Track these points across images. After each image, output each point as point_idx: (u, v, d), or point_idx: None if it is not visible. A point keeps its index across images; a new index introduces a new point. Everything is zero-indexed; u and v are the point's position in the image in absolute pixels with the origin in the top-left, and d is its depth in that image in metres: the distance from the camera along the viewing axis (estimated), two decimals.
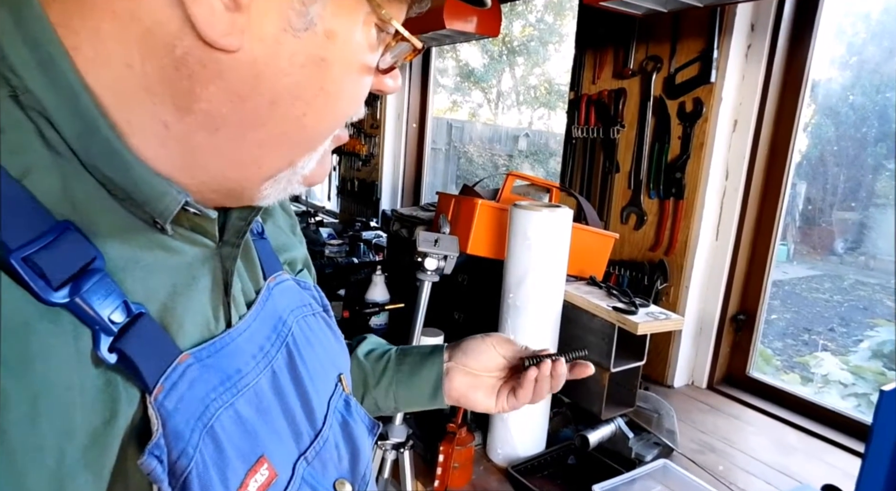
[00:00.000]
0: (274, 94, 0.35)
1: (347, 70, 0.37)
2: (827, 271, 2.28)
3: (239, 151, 0.36)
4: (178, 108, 0.33)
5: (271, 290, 0.48)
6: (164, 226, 0.35)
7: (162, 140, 0.34)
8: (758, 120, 1.36)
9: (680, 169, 1.42)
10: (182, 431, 0.34)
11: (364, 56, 0.38)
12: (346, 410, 0.52)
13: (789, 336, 2.25)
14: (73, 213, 0.32)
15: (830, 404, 1.36)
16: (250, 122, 0.35)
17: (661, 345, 1.50)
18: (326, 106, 0.37)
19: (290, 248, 0.56)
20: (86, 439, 0.30)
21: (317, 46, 0.35)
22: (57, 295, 0.30)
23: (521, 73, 6.32)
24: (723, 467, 1.15)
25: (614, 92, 1.57)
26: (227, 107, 0.34)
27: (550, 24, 5.79)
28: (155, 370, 0.33)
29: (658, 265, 1.49)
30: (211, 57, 0.32)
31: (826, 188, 1.86)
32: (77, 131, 0.32)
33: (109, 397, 0.32)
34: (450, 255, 1.02)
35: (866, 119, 1.62)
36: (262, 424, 0.41)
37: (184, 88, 0.33)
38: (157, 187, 0.34)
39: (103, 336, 0.31)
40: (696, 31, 1.37)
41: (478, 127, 5.31)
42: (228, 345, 0.40)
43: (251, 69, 0.33)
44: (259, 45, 0.33)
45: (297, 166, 0.39)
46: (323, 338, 0.53)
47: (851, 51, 1.58)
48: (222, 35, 0.31)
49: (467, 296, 1.55)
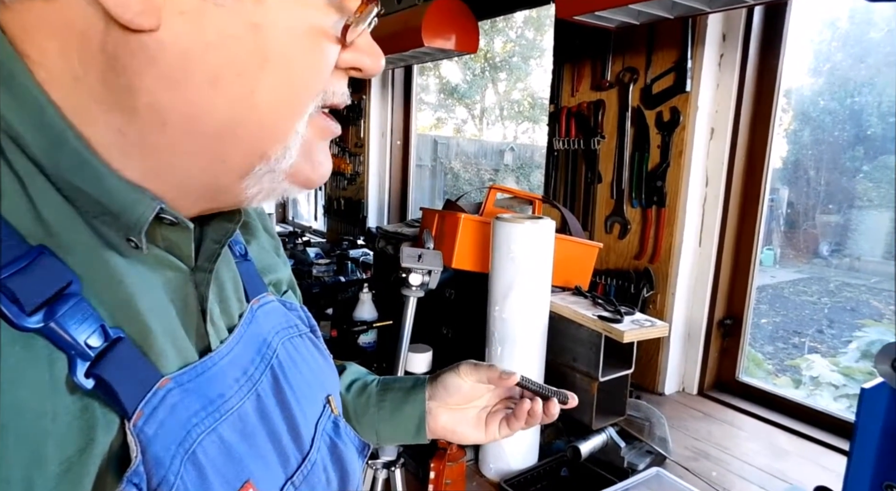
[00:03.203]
0: (211, 71, 0.32)
1: (291, 34, 0.34)
2: (813, 274, 2.30)
3: (195, 146, 0.34)
4: (125, 110, 0.32)
5: (255, 312, 0.47)
6: (140, 241, 0.34)
7: (122, 149, 0.33)
8: (734, 127, 1.39)
9: (660, 177, 1.44)
10: (162, 457, 0.33)
11: (310, 16, 0.35)
12: (334, 432, 0.51)
13: (779, 340, 2.26)
14: (48, 236, 0.31)
15: (821, 406, 1.36)
16: (197, 109, 0.33)
17: (650, 352, 1.50)
18: (278, 79, 0.34)
19: (275, 269, 0.55)
20: (59, 468, 0.29)
21: (245, 11, 0.32)
22: (30, 320, 0.29)
23: (504, 89, 6.39)
24: (716, 473, 1.15)
25: (593, 104, 1.59)
26: (167, 95, 0.32)
27: (531, 40, 5.88)
28: (134, 395, 0.33)
29: (644, 273, 1.50)
30: (138, 42, 0.31)
31: (808, 192, 1.89)
32: (44, 146, 0.31)
33: (86, 424, 0.31)
34: (434, 270, 1.02)
35: (840, 123, 1.65)
36: (247, 448, 0.40)
37: (123, 86, 0.32)
38: (130, 195, 0.33)
39: (79, 361, 0.30)
40: (669, 42, 1.40)
41: (463, 143, 5.34)
42: (210, 369, 0.39)
43: (178, 47, 0.31)
44: (180, 20, 0.31)
45: (272, 160, 0.36)
46: (310, 359, 0.52)
47: (820, 58, 1.61)
48: (136, 14, 0.30)
49: (455, 310, 1.55)
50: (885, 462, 0.63)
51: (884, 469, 0.63)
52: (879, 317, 2.00)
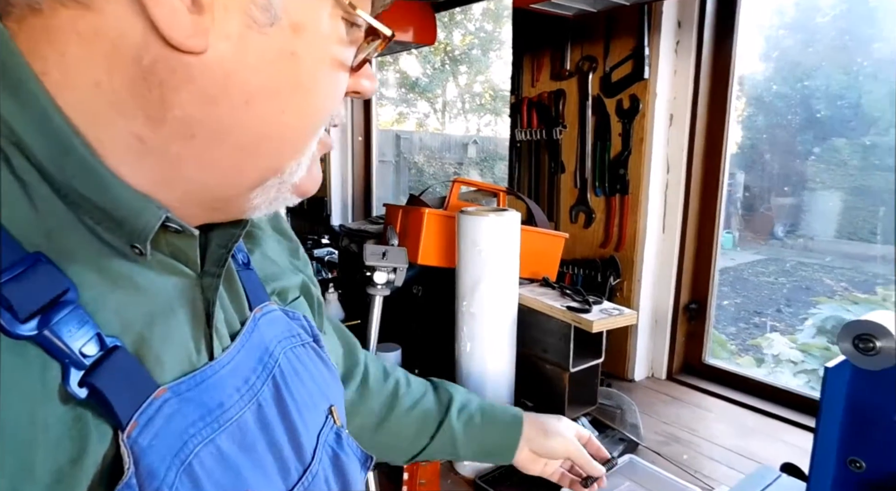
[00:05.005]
0: (247, 92, 0.34)
1: (320, 64, 0.37)
2: (770, 255, 2.37)
3: (219, 158, 0.35)
4: (151, 120, 0.33)
5: (257, 321, 0.46)
6: (143, 248, 0.34)
7: (138, 155, 0.33)
8: (692, 113, 1.40)
9: (623, 165, 1.45)
10: (156, 469, 0.33)
11: (335, 50, 0.38)
12: (336, 444, 0.51)
13: (741, 320, 2.32)
14: (48, 243, 0.31)
15: (783, 384, 1.40)
16: (227, 125, 0.34)
17: (619, 340, 1.51)
18: (305, 102, 0.37)
19: (280, 277, 0.55)
20: (48, 478, 0.29)
21: (285, 41, 0.34)
22: (24, 327, 0.29)
23: (466, 82, 6.39)
24: (687, 456, 1.16)
25: (553, 93, 1.58)
26: (201, 111, 0.33)
27: (490, 32, 5.88)
28: (129, 405, 0.32)
29: (610, 261, 1.50)
30: (179, 61, 0.32)
31: (762, 176, 1.93)
32: (50, 153, 0.31)
33: (78, 434, 0.30)
34: (399, 267, 0.99)
35: (792, 108, 1.70)
36: (246, 459, 0.39)
37: (155, 98, 0.32)
38: (136, 203, 0.34)
39: (73, 370, 0.30)
40: (627, 29, 1.40)
41: (426, 137, 5.31)
42: (210, 378, 0.39)
43: (220, 69, 0.33)
44: (225, 43, 0.32)
45: (286, 173, 0.38)
46: (312, 369, 0.51)
47: (771, 43, 1.65)
48: (187, 37, 0.31)
49: (423, 307, 1.53)
50: (848, 438, 0.64)
51: (848, 445, 0.64)
52: (832, 294, 2.08)
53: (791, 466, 0.93)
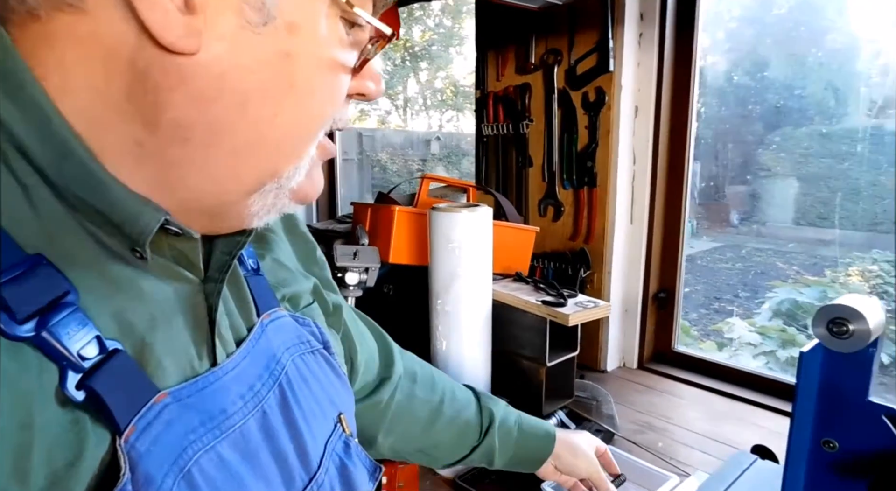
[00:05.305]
0: (242, 94, 0.33)
1: (316, 65, 0.36)
2: (727, 242, 2.43)
3: (215, 161, 0.35)
4: (148, 123, 0.32)
5: (265, 327, 0.46)
6: (144, 251, 0.34)
7: (137, 159, 0.33)
8: (656, 104, 1.42)
9: (590, 157, 1.45)
10: (154, 475, 0.32)
11: (333, 51, 0.37)
12: (344, 453, 0.50)
13: (702, 306, 2.38)
14: (49, 246, 0.31)
15: (746, 367, 1.43)
16: (221, 127, 0.34)
17: (590, 331, 1.52)
18: (300, 105, 0.36)
19: (291, 282, 0.53)
20: (43, 482, 0.28)
21: (280, 41, 0.34)
22: (21, 329, 0.29)
23: (427, 78, 6.36)
24: (662, 444, 1.18)
25: (519, 87, 1.58)
26: (195, 113, 0.33)
27: (449, 28, 5.87)
28: (128, 410, 0.32)
29: (580, 254, 1.51)
30: (172, 63, 0.31)
31: (718, 165, 1.98)
32: (50, 156, 0.31)
33: (76, 437, 0.30)
34: (371, 266, 0.97)
35: (749, 98, 1.74)
36: (249, 468, 0.39)
37: (149, 101, 0.32)
38: (134, 206, 0.33)
39: (70, 373, 0.30)
40: (591, 22, 1.40)
41: (389, 134, 5.26)
42: (213, 384, 0.38)
43: (214, 69, 0.32)
44: (219, 44, 0.32)
45: (283, 178, 0.38)
46: (321, 376, 0.51)
47: (729, 35, 1.69)
48: (178, 38, 0.30)
49: (395, 306, 1.50)
50: (822, 420, 0.65)
51: (822, 427, 0.65)
52: (786, 278, 2.15)
53: (762, 448, 0.95)
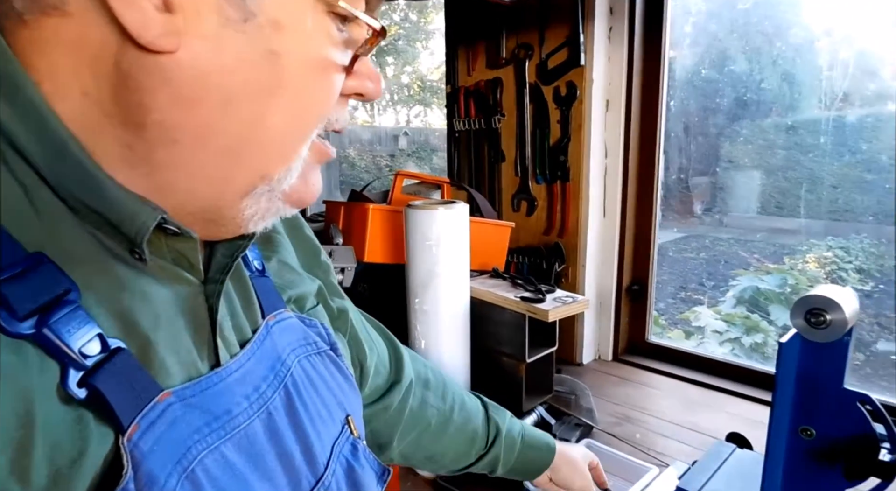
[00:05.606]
0: (225, 93, 0.33)
1: (305, 64, 0.35)
2: (690, 232, 2.48)
3: (203, 163, 0.35)
4: (135, 126, 0.32)
5: (270, 328, 0.46)
6: (143, 252, 0.34)
7: (129, 163, 0.33)
8: (627, 98, 1.43)
9: (562, 152, 1.45)
10: (157, 474, 0.32)
11: (324, 49, 0.36)
12: (352, 455, 0.49)
13: (669, 296, 2.42)
14: (50, 245, 0.31)
15: (716, 355, 1.46)
16: (208, 128, 0.33)
17: (566, 325, 1.53)
18: (290, 104, 0.35)
19: (297, 284, 0.53)
20: (45, 480, 0.28)
21: (264, 39, 0.33)
22: (22, 326, 0.29)
23: (393, 73, 6.29)
24: (639, 435, 1.19)
25: (490, 82, 1.57)
26: (179, 114, 0.32)
27: (416, 22, 5.82)
28: (131, 408, 0.32)
29: (554, 248, 1.51)
30: (154, 63, 0.31)
31: (682, 157, 2.01)
32: (47, 157, 0.31)
33: (79, 435, 0.30)
34: (347, 266, 0.95)
35: (717, 91, 1.77)
36: (253, 469, 0.38)
37: (135, 103, 0.32)
38: (132, 205, 0.33)
39: (72, 370, 0.30)
40: (561, 16, 1.40)
41: (357, 130, 5.20)
42: (217, 384, 0.38)
43: (196, 69, 0.32)
44: (200, 43, 0.31)
45: (274, 180, 0.37)
46: (328, 378, 0.50)
47: (697, 28, 1.72)
48: (157, 36, 0.30)
49: (370, 305, 1.48)
50: (800, 409, 0.66)
51: (800, 415, 0.67)
52: (747, 266, 2.21)
53: (736, 436, 0.96)
